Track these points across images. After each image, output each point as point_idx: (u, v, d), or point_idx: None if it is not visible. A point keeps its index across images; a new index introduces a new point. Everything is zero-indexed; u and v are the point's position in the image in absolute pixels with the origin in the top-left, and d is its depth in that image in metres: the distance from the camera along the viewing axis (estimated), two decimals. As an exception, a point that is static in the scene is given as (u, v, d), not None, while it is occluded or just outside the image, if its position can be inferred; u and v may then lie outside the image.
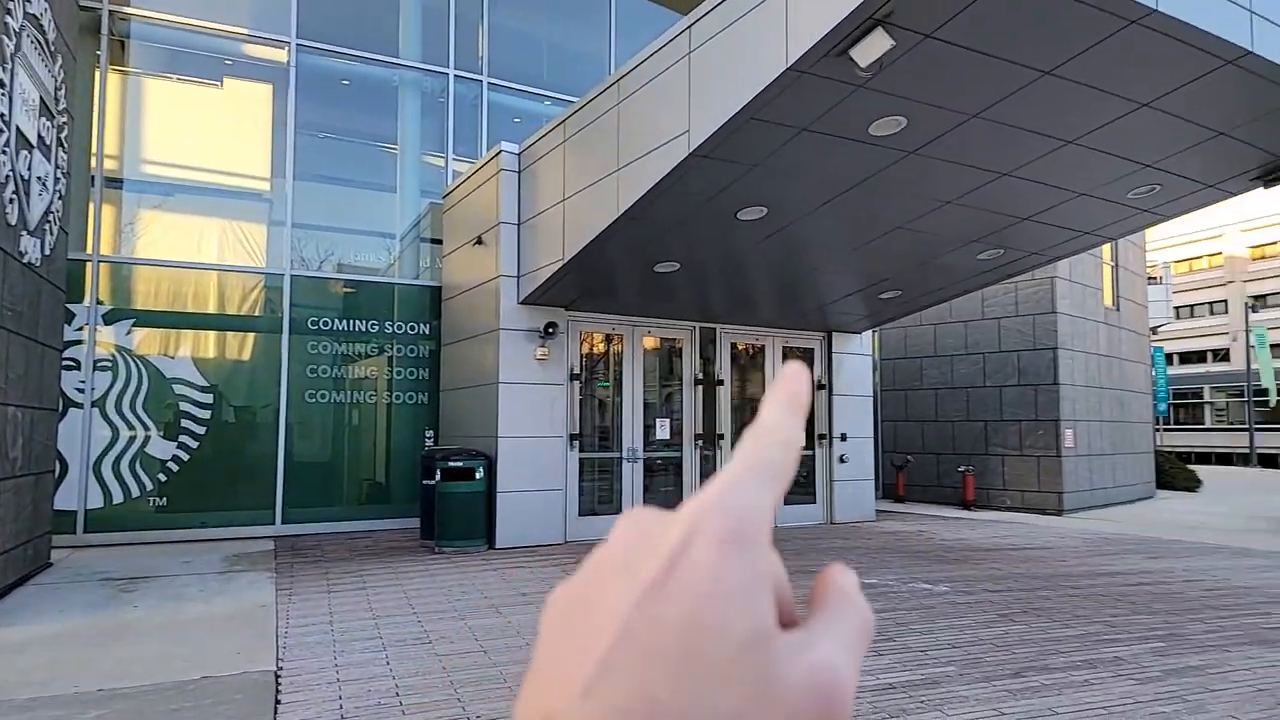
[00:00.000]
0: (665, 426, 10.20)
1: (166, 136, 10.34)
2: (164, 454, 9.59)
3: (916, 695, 4.25)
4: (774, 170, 6.57)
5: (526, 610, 6.08)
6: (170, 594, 6.63)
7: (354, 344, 10.75)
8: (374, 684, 4.39)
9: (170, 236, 10.20)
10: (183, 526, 9.56)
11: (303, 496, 10.24)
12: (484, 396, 9.25)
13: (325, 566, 7.86)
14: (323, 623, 5.70)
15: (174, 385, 9.72)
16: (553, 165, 8.44)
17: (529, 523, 8.97)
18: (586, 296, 9.18)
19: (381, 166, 11.92)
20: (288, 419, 10.18)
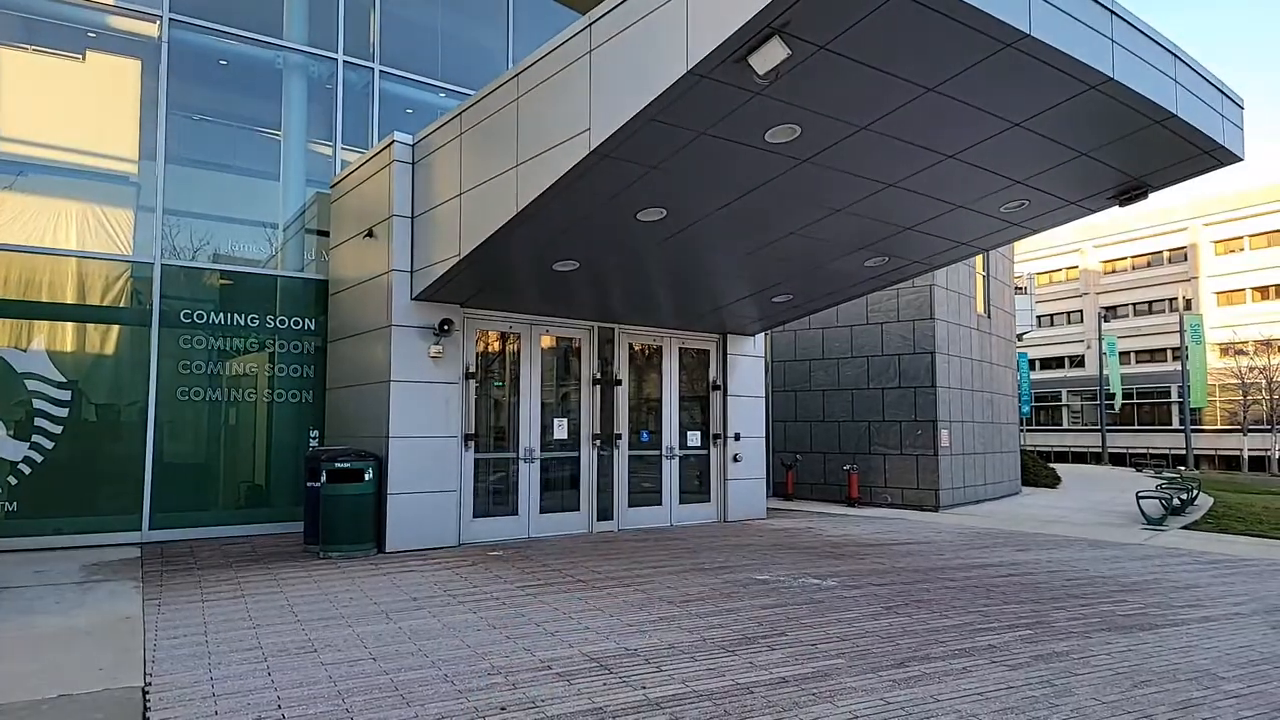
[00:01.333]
0: (563, 426, 10.13)
1: (20, 111, 9.48)
2: (14, 455, 8.79)
3: (808, 688, 4.38)
4: (673, 172, 6.64)
5: (418, 615, 5.90)
6: (20, 607, 6.08)
7: (232, 339, 10.18)
8: (253, 697, 4.15)
9: (24, 219, 9.35)
10: (35, 534, 8.79)
11: (173, 500, 9.61)
12: (374, 395, 8.93)
13: (199, 575, 7.39)
14: (196, 634, 5.36)
15: (26, 380, 8.93)
16: (449, 158, 8.24)
17: (421, 525, 8.72)
18: (483, 293, 9.01)
19: (263, 153, 11.33)
20: (157, 418, 9.52)
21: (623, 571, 7.66)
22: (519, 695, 4.22)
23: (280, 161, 11.17)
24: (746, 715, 3.97)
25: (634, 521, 10.69)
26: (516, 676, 4.52)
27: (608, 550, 8.95)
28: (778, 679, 4.53)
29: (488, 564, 7.99)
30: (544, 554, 8.63)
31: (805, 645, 5.20)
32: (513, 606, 6.19)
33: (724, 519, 11.61)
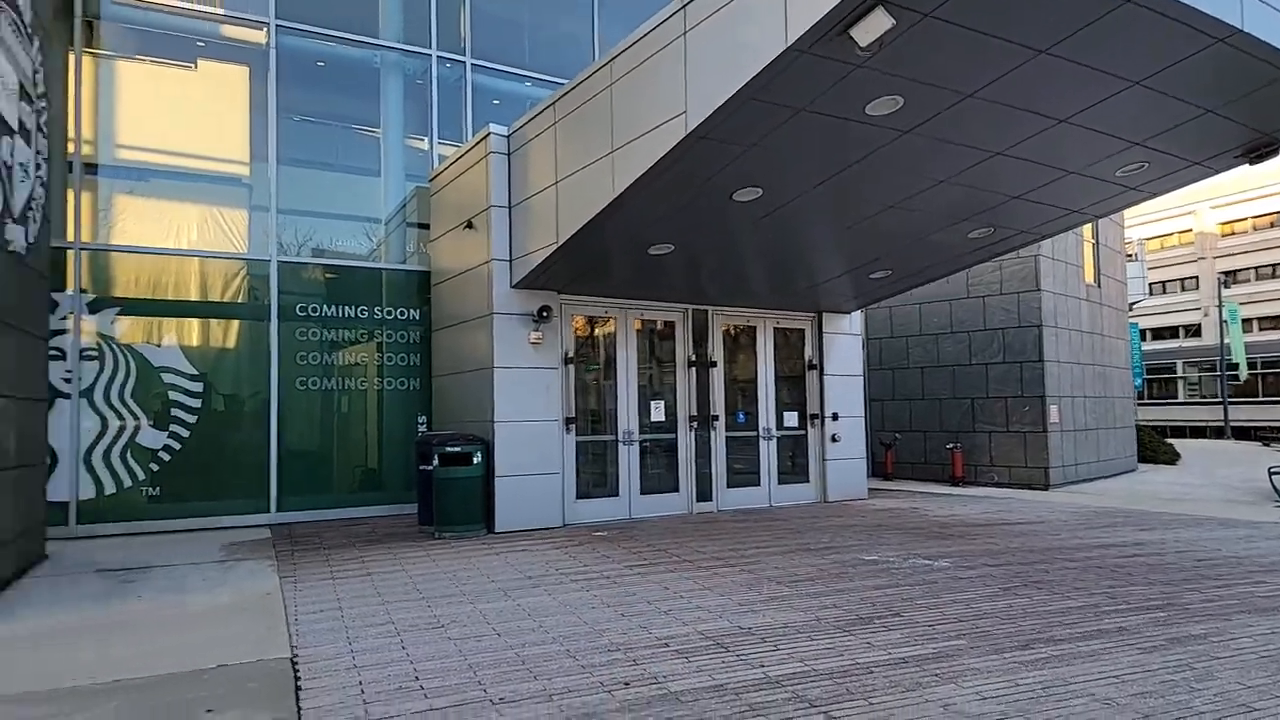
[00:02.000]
0: (660, 408, 10.22)
1: (141, 120, 10.11)
2: (155, 444, 9.48)
3: (929, 668, 4.33)
4: (770, 151, 6.58)
5: (534, 593, 6.10)
6: (172, 585, 6.58)
7: (343, 330, 10.67)
8: (392, 668, 4.40)
9: (150, 223, 10.02)
10: (176, 516, 9.47)
11: (296, 484, 10.18)
12: (479, 381, 9.22)
13: (326, 554, 7.83)
14: (331, 610, 5.69)
15: (162, 374, 9.60)
16: (544, 148, 8.38)
17: (528, 506, 8.98)
18: (580, 279, 9.15)
19: (364, 150, 11.77)
20: (279, 406, 10.09)
21: (728, 552, 7.71)
22: (640, 671, 4.33)
23: (380, 158, 11.58)
24: (869, 694, 3.97)
25: (733, 502, 10.72)
26: (636, 653, 4.63)
27: (710, 531, 9.01)
28: (897, 659, 4.49)
29: (594, 544, 8.17)
30: (647, 534, 8.76)
31: (923, 626, 5.13)
32: (623, 585, 6.33)
33: (824, 499, 11.51)
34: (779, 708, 3.80)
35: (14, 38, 6.64)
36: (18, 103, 6.76)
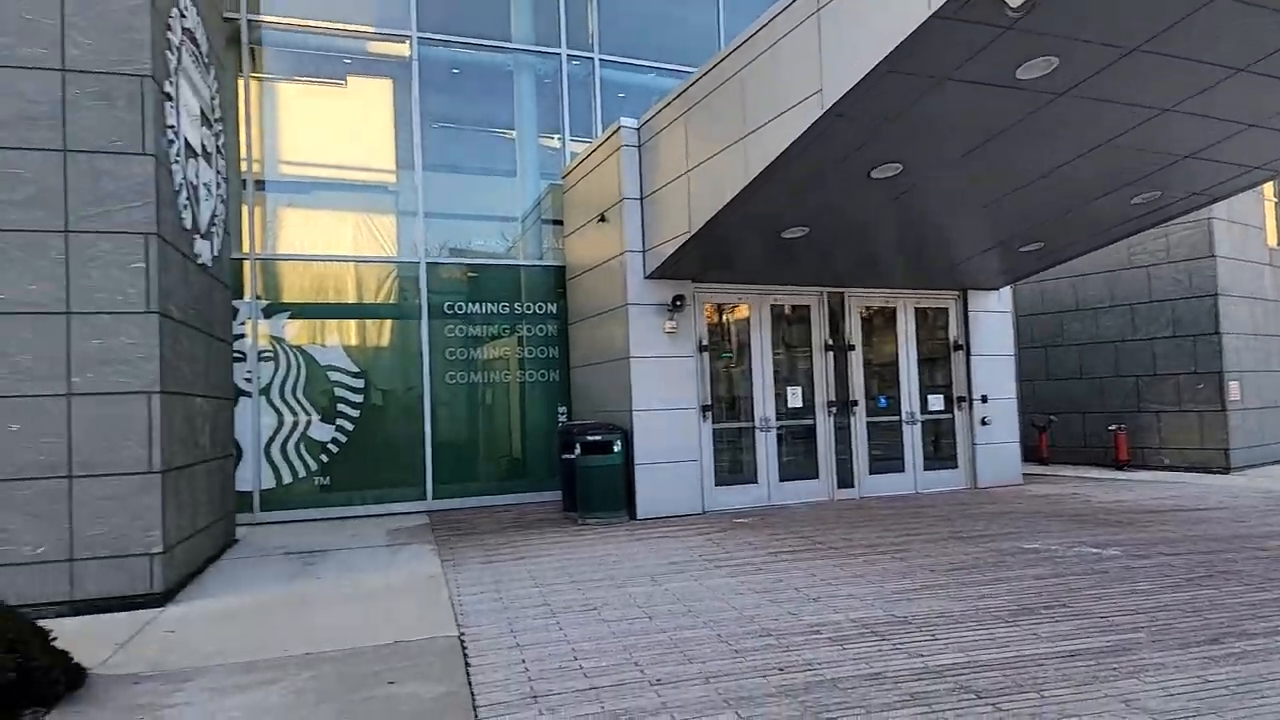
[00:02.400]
0: (797, 394, 10.09)
1: (300, 137, 10.90)
2: (324, 437, 10.26)
3: (1106, 662, 4.09)
4: (911, 124, 6.34)
5: (680, 579, 6.19)
6: (347, 566, 7.12)
7: (486, 326, 11.14)
8: (551, 648, 4.59)
9: (312, 232, 10.83)
10: (344, 504, 10.22)
11: (449, 473, 10.75)
12: (616, 371, 9.40)
13: (480, 539, 8.23)
14: (490, 591, 5.99)
15: (328, 372, 10.36)
16: (674, 137, 8.42)
17: (668, 494, 9.10)
18: (712, 267, 9.15)
19: (500, 151, 12.21)
20: (432, 400, 10.67)
21: (875, 539, 7.54)
22: (793, 657, 4.32)
23: (516, 158, 11.98)
24: (1041, 687, 3.79)
25: (876, 489, 10.45)
26: (788, 639, 4.62)
27: (854, 518, 8.83)
28: (1068, 652, 4.27)
29: (736, 531, 8.19)
30: (789, 521, 8.69)
31: (1095, 617, 4.84)
32: (770, 572, 6.31)
33: (974, 485, 11.02)
34: (942, 698, 3.70)
35: (195, 68, 7.32)
36: (200, 128, 7.46)
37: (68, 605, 5.60)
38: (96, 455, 5.75)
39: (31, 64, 5.70)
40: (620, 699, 3.81)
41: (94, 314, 5.80)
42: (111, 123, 5.86)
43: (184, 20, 7.02)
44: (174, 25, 6.70)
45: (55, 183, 5.74)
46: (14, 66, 5.66)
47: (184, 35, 7.02)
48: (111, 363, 5.82)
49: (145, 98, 5.94)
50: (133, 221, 5.90)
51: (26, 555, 5.58)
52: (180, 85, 6.78)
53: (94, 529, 5.72)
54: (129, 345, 5.87)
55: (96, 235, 5.83)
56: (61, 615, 5.53)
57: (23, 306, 5.66)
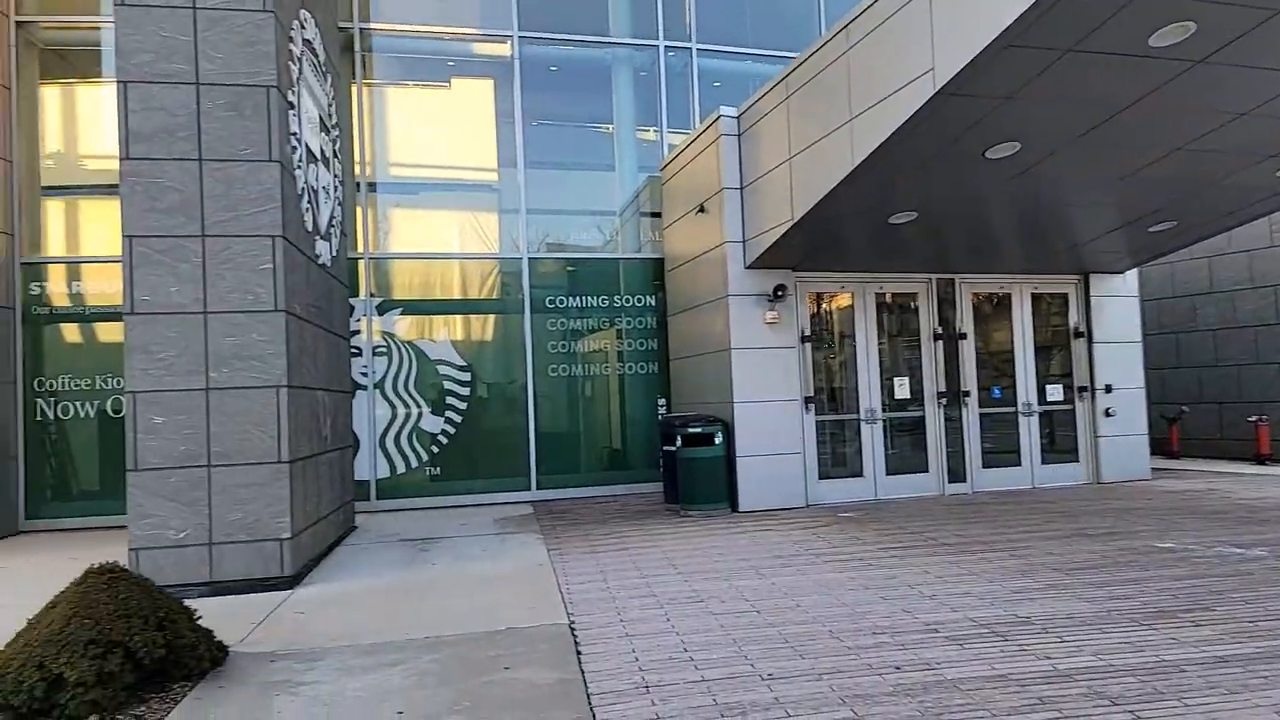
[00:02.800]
0: (904, 385, 9.79)
1: (407, 139, 11.29)
2: (434, 428, 10.64)
3: (1258, 670, 3.79)
4: (1031, 100, 6.01)
5: (787, 572, 6.11)
6: (458, 553, 7.36)
7: (586, 319, 11.28)
8: (661, 639, 4.61)
9: (420, 231, 11.25)
10: (453, 493, 10.58)
11: (552, 464, 10.96)
12: (716, 363, 9.35)
13: (584, 529, 8.36)
14: (597, 581, 6.07)
15: (437, 366, 10.73)
16: (775, 124, 8.28)
17: (770, 486, 8.99)
18: (815, 255, 8.97)
19: (598, 146, 12.32)
20: (535, 393, 10.90)
21: (991, 535, 7.24)
22: (911, 656, 4.19)
23: (614, 151, 12.07)
24: (1183, 694, 3.55)
25: (989, 483, 10.02)
26: (903, 637, 4.49)
27: (966, 513, 8.50)
28: (1214, 657, 3.98)
29: (842, 525, 8.02)
30: (897, 516, 8.45)
31: (1242, 622, 4.50)
32: (879, 567, 6.15)
33: (1096, 480, 10.43)
34: (1074, 703, 3.51)
35: (314, 77, 7.68)
36: (319, 134, 7.83)
37: (208, 586, 6.00)
38: (231, 445, 6.13)
39: (171, 79, 6.11)
40: (732, 692, 3.79)
41: (227, 313, 6.18)
42: (241, 132, 6.21)
43: (304, 31, 7.38)
44: (295, 37, 7.04)
45: (193, 190, 6.13)
46: (156, 82, 6.08)
47: (304, 46, 7.38)
48: (244, 359, 6.19)
49: (271, 107, 6.27)
50: (261, 225, 6.25)
51: (172, 539, 6.01)
52: (301, 94, 7.13)
53: (231, 514, 6.11)
54: (259, 342, 6.22)
55: (229, 239, 6.20)
56: (203, 595, 5.93)
57: (166, 307, 6.08)
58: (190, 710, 3.78)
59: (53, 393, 9.73)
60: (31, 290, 9.77)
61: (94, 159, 10.63)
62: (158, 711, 3.75)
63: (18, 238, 9.68)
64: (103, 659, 3.75)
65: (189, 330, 6.11)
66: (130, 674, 3.81)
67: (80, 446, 9.86)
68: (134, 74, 6.07)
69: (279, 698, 3.91)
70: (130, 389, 6.02)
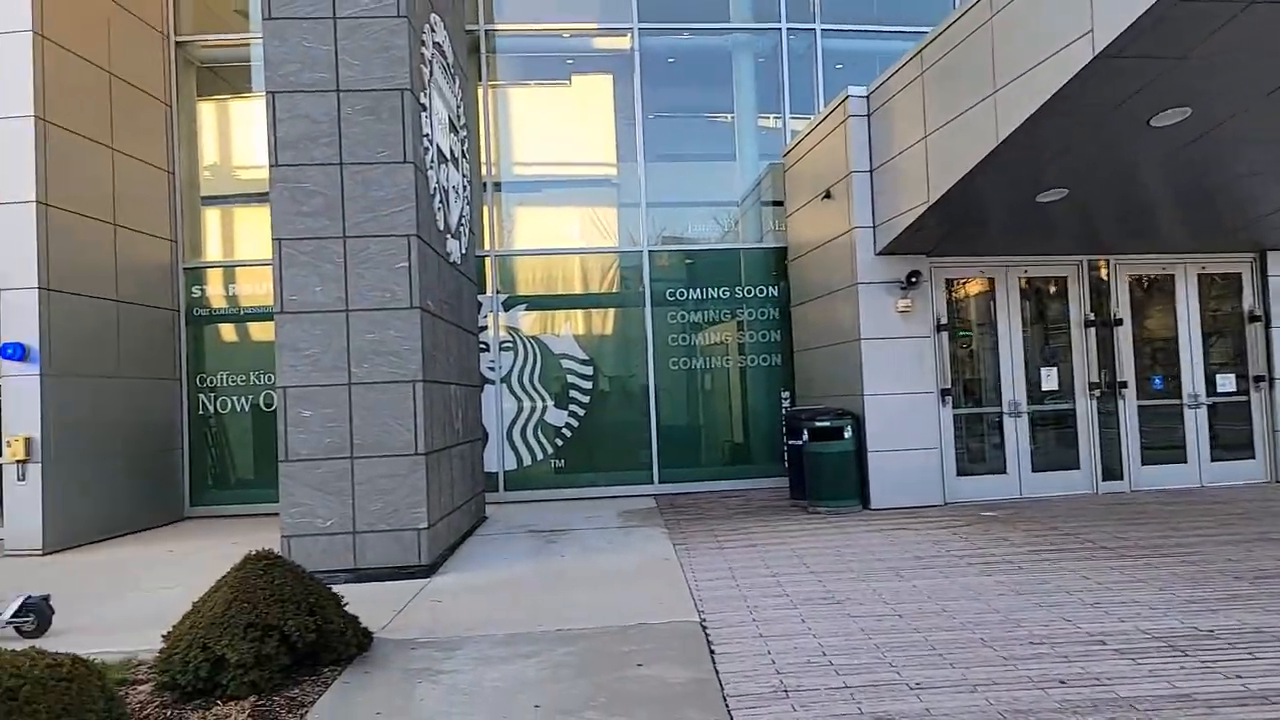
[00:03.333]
0: (1051, 376, 9.11)
1: (530, 138, 11.45)
2: (558, 421, 10.79)
3: None
4: (1206, 60, 5.41)
5: (928, 574, 5.78)
6: (585, 545, 7.40)
7: (707, 311, 11.14)
8: (797, 641, 4.44)
9: (543, 228, 11.43)
10: (577, 485, 10.70)
11: (673, 458, 10.90)
12: (844, 354, 9.01)
13: (708, 524, 8.25)
14: (725, 577, 5.95)
15: (560, 360, 10.87)
16: (909, 102, 7.86)
17: (903, 483, 8.58)
18: (952, 239, 8.47)
19: (718, 136, 12.14)
20: (656, 386, 10.86)
21: (1156, 539, 6.63)
22: (1076, 669, 3.85)
23: (734, 140, 11.85)
24: None
25: (1149, 481, 9.20)
26: (1065, 649, 4.14)
27: (1125, 514, 7.84)
28: None
29: (984, 525, 7.56)
30: (1046, 516, 7.88)
31: None
32: (1030, 571, 5.73)
33: (1276, 479, 9.40)
34: (1279, 734, 3.11)
35: (444, 79, 7.89)
36: (449, 135, 8.04)
37: (351, 573, 6.27)
38: (371, 438, 6.38)
39: (314, 88, 6.40)
40: (878, 701, 3.58)
41: (366, 310, 6.42)
42: (378, 135, 6.44)
43: (434, 35, 7.58)
44: (426, 40, 7.24)
45: (334, 193, 6.41)
46: (300, 91, 6.38)
47: (434, 49, 7.58)
48: (382, 354, 6.42)
49: (405, 110, 6.46)
50: (397, 225, 6.46)
51: (320, 527, 6.31)
52: (433, 96, 7.33)
53: (373, 504, 6.36)
54: (396, 338, 6.44)
55: (367, 239, 6.44)
56: (348, 581, 6.19)
57: (311, 306, 6.39)
58: (340, 694, 3.93)
59: (212, 388, 10.49)
60: (193, 293, 10.56)
61: (246, 169, 11.38)
62: (310, 694, 3.91)
63: (180, 244, 10.48)
64: (260, 641, 3.94)
65: (332, 328, 6.39)
66: (285, 656, 3.99)
67: (236, 438, 10.60)
68: (281, 84, 6.40)
69: (421, 685, 4.00)
70: (281, 384, 6.36)
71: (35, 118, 8.16)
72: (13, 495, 7.99)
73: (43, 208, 8.17)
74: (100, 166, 9.09)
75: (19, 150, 8.14)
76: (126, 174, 9.49)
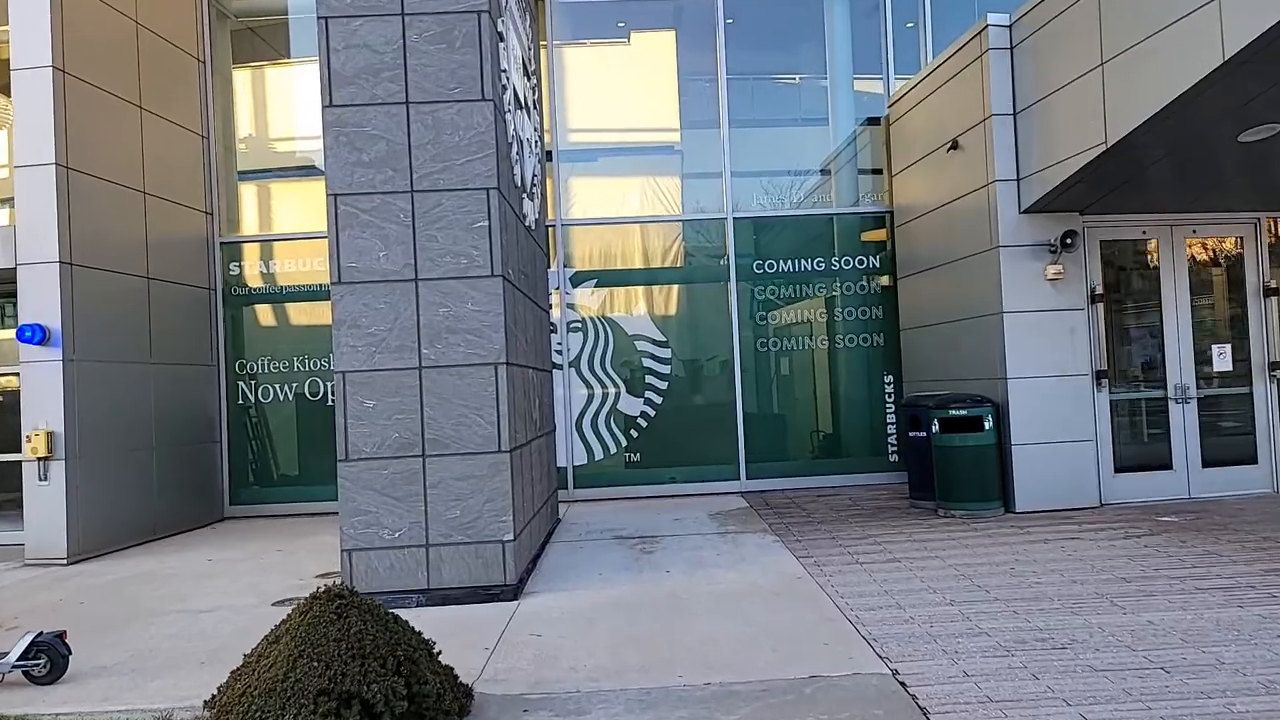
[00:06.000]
0: (1224, 355, 7.77)
1: (590, 102, 10.23)
2: (633, 410, 9.67)
3: None
4: None
5: (1154, 605, 4.56)
6: (689, 557, 6.27)
7: (798, 286, 9.93)
8: (1044, 707, 3.26)
9: (611, 197, 10.22)
10: (655, 482, 9.59)
11: (762, 450, 9.74)
12: (979, 331, 7.75)
13: (825, 529, 7.08)
14: (885, 603, 4.79)
15: (635, 341, 9.73)
16: (1075, 24, 6.55)
17: (1052, 481, 7.32)
18: (1114, 193, 7.16)
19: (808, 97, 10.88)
20: (742, 370, 9.68)
21: None
22: None
23: (826, 101, 10.55)
24: None
25: (1341, 479, 7.83)
26: None
27: (1338, 520, 6.54)
28: None
29: (1171, 532, 6.29)
30: (1239, 522, 6.59)
31: None
32: (1290, 602, 4.49)
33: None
34: None
35: (518, 10, 6.74)
36: (522, 77, 6.90)
37: (424, 595, 5.22)
38: (446, 432, 5.30)
39: (374, 11, 5.28)
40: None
41: (439, 279, 5.33)
42: (450, 67, 5.31)
43: (505, -42, 6.43)
44: (498, -39, 6.09)
45: (399, 138, 5.30)
46: (359, 16, 5.27)
47: (505, -24, 6.43)
48: (458, 332, 5.32)
49: (482, 36, 5.33)
50: (474, 175, 5.34)
51: (386, 539, 5.25)
52: (509, 28, 6.19)
53: (448, 512, 5.28)
54: (475, 313, 5.34)
55: (439, 194, 5.34)
56: (420, 605, 5.16)
57: (374, 274, 5.31)
58: (447, 795, 2.83)
59: (252, 375, 9.51)
60: (230, 270, 9.57)
61: (284, 141, 10.38)
62: (407, 795, 2.83)
63: (216, 217, 9.48)
64: (336, 716, 2.87)
65: (399, 300, 5.31)
66: (369, 737, 2.92)
67: (279, 430, 9.61)
68: (335, 7, 5.30)
69: (556, 781, 2.90)
70: (339, 367, 5.30)
71: (54, 68, 7.16)
72: (34, 497, 7.04)
73: (63, 171, 7.18)
74: (127, 127, 8.10)
75: (36, 106, 7.16)
76: (157, 137, 8.49)
